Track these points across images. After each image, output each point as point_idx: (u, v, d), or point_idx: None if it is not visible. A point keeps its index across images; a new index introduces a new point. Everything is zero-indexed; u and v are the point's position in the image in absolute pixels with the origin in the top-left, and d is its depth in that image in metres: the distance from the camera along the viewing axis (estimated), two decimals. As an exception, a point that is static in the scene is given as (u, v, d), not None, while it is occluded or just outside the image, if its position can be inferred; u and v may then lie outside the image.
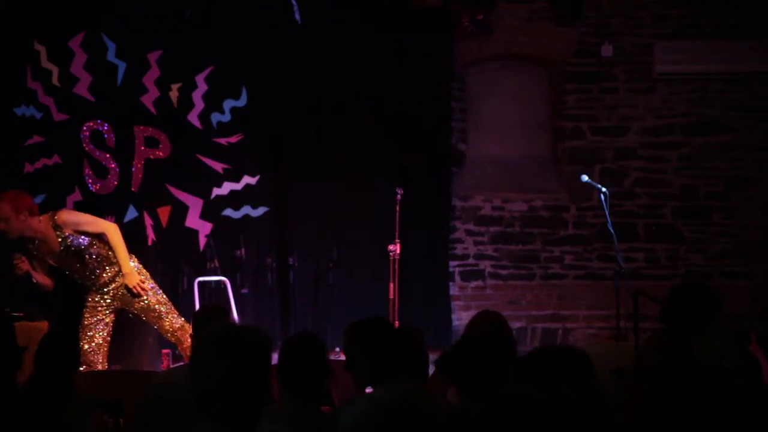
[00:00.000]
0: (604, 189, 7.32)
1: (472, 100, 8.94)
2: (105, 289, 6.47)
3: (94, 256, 6.41)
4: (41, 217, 6.32)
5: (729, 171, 8.81)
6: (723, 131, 8.80)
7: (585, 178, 7.50)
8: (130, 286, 6.39)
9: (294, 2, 8.09)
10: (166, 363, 7.42)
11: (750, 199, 8.80)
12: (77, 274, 6.49)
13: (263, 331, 2.78)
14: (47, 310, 6.98)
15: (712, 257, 8.79)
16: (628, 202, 8.77)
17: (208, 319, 4.43)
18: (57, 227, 6.30)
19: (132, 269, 6.41)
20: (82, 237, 6.36)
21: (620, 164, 8.82)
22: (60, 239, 6.31)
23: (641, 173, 8.82)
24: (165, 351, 7.48)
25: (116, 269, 6.44)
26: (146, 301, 6.50)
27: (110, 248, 6.39)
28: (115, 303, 6.52)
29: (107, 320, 6.51)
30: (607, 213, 7.27)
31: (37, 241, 6.33)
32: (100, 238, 6.42)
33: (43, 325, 6.63)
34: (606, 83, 8.81)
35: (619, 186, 8.70)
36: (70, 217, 6.43)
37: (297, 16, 8.10)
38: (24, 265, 6.29)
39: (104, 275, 6.45)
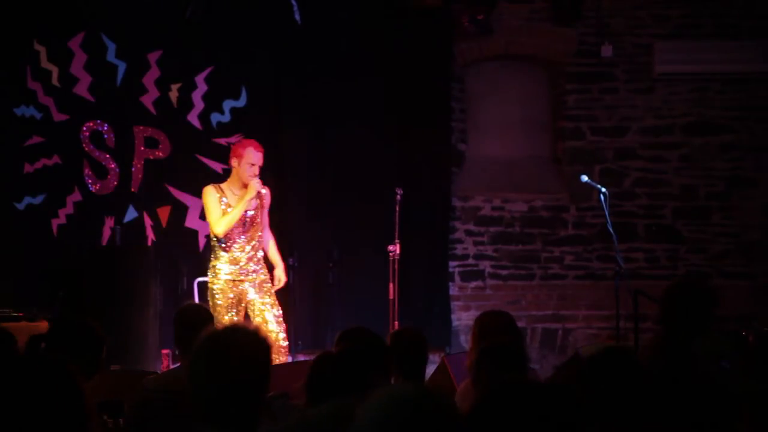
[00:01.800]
0: (603, 189, 7.29)
1: (472, 100, 8.93)
2: (256, 274, 6.73)
3: (257, 237, 6.74)
4: None
5: (729, 171, 8.80)
6: (723, 131, 8.80)
7: (585, 178, 7.48)
8: (282, 280, 6.86)
9: (294, 2, 8.09)
10: (166, 363, 7.41)
11: (750, 199, 8.80)
12: (247, 235, 6.72)
13: (261, 334, 2.75)
14: (47, 310, 6.98)
15: (712, 257, 8.78)
16: (628, 202, 8.77)
17: (192, 325, 4.27)
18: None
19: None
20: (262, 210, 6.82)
21: (620, 164, 8.82)
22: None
23: (641, 173, 8.82)
24: (165, 351, 7.47)
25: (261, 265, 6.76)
26: (270, 305, 6.73)
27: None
28: (256, 291, 6.71)
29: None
30: (606, 213, 7.25)
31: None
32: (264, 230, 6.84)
33: (43, 326, 6.63)
34: (606, 83, 8.80)
35: (619, 186, 8.69)
36: (270, 195, 6.93)
37: (297, 17, 8.10)
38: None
39: (257, 259, 6.74)
